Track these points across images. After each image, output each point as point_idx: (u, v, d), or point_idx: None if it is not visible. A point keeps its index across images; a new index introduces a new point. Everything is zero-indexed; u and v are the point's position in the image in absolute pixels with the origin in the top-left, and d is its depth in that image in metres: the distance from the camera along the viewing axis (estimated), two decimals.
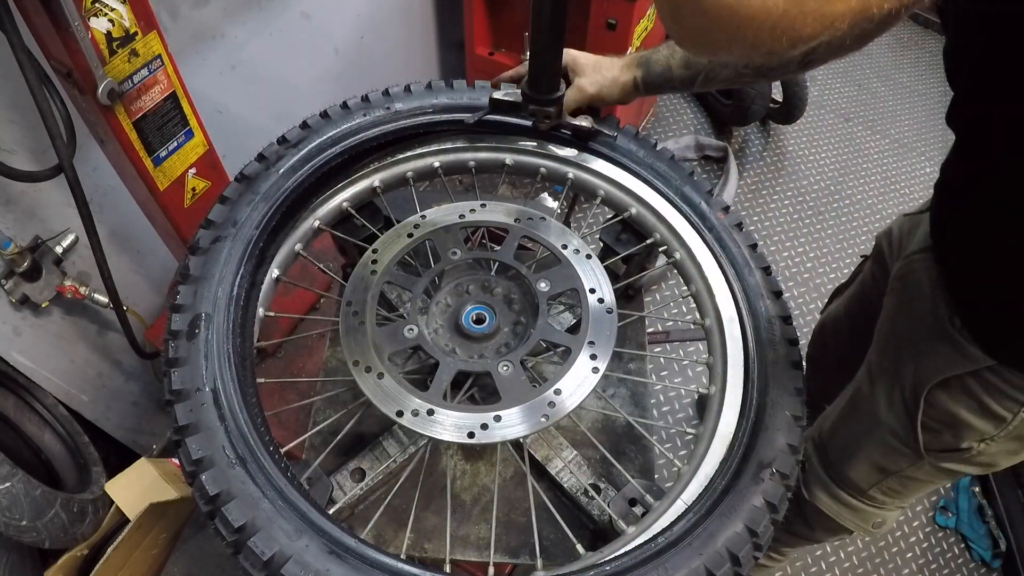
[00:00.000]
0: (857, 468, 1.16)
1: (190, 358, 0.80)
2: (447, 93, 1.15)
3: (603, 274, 0.99)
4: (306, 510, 0.72)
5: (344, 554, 0.69)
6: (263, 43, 1.79)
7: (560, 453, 1.01)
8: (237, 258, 0.91)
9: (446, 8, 2.58)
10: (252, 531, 0.69)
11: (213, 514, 0.71)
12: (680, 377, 2.35)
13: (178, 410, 0.76)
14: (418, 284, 0.98)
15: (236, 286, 0.88)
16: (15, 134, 1.29)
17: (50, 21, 0.99)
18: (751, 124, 3.20)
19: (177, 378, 0.78)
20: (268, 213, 0.96)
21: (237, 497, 0.70)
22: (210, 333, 0.82)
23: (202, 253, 0.90)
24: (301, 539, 0.69)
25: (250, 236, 0.93)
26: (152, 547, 1.56)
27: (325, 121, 1.08)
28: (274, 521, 0.69)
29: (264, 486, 0.72)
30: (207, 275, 0.88)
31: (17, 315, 1.45)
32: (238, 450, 0.74)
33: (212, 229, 0.93)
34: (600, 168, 1.13)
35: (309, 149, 1.04)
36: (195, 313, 0.84)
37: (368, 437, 1.02)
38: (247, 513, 0.70)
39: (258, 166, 1.01)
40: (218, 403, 0.77)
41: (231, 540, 0.70)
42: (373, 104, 1.11)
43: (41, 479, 1.36)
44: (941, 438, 1.01)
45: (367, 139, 1.08)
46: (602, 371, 0.88)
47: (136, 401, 1.89)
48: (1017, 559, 1.99)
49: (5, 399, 1.54)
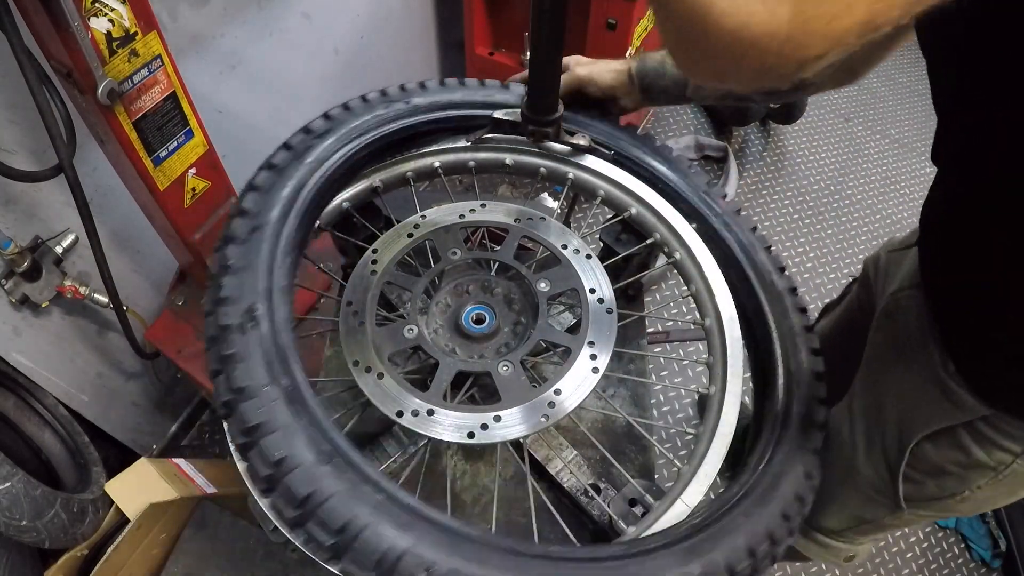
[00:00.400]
0: (831, 516, 1.10)
1: (249, 352, 0.72)
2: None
3: (603, 274, 0.99)
4: (410, 502, 0.66)
5: (461, 541, 0.64)
6: (263, 43, 1.79)
7: (560, 453, 1.01)
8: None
9: (446, 8, 2.58)
10: (357, 530, 0.62)
11: (304, 519, 0.64)
12: (680, 377, 2.35)
13: (244, 409, 0.68)
14: (418, 284, 0.98)
15: (286, 276, 0.82)
16: (15, 134, 1.29)
17: (50, 21, 0.99)
18: (751, 124, 3.20)
19: (240, 374, 0.70)
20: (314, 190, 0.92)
21: (334, 495, 0.64)
22: (265, 325, 0.74)
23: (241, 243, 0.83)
24: (412, 531, 0.63)
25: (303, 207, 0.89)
26: (152, 547, 1.56)
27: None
28: (381, 515, 0.63)
29: (357, 482, 0.65)
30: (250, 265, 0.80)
31: (17, 315, 1.45)
32: (322, 447, 0.67)
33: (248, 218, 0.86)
34: (597, 166, 1.13)
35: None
36: (247, 304, 0.76)
37: (368, 437, 1.02)
38: (348, 511, 0.63)
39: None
40: (291, 398, 0.69)
41: (330, 544, 0.63)
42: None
43: (41, 479, 1.36)
44: (923, 489, 0.93)
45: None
46: (602, 371, 0.88)
47: (136, 401, 1.89)
48: (1017, 559, 1.99)
49: (5, 399, 1.54)
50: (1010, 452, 0.82)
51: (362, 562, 0.62)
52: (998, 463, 0.84)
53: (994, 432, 0.82)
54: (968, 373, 0.82)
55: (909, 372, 0.90)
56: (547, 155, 1.16)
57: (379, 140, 1.03)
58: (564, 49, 0.94)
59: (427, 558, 0.62)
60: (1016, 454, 0.82)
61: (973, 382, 0.81)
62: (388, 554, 0.61)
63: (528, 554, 0.66)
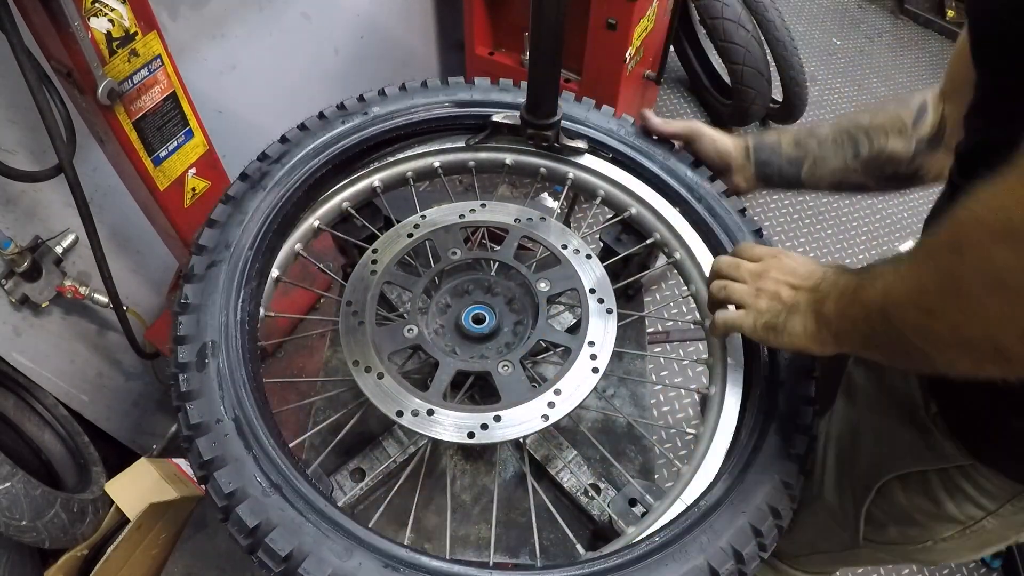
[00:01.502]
0: (789, 541, 1.00)
1: (204, 389, 0.77)
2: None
3: (603, 274, 0.99)
4: (352, 528, 0.70)
5: (399, 566, 0.67)
6: (263, 43, 1.79)
7: (560, 453, 1.01)
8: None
9: (446, 8, 2.58)
10: (301, 557, 0.66)
11: (255, 547, 0.68)
12: (680, 377, 2.35)
13: (200, 444, 0.73)
14: (418, 284, 0.98)
15: (239, 310, 0.85)
16: (15, 134, 1.29)
17: (50, 21, 0.99)
18: (751, 124, 3.20)
19: (194, 411, 0.75)
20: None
21: (279, 526, 0.68)
22: (220, 361, 0.79)
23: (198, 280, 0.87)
24: (353, 558, 0.67)
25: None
26: (152, 547, 1.56)
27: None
28: (322, 543, 0.67)
29: (304, 510, 0.69)
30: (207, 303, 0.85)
31: (17, 315, 1.45)
32: (271, 477, 0.71)
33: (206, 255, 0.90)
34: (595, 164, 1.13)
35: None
36: (202, 342, 0.81)
37: (368, 437, 1.02)
38: (292, 540, 0.67)
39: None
40: (242, 432, 0.74)
41: (279, 571, 0.67)
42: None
43: (41, 479, 1.36)
44: (885, 532, 0.88)
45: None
46: (602, 371, 0.88)
47: (136, 401, 1.89)
48: (1017, 559, 1.99)
49: (5, 399, 1.54)
50: (982, 508, 0.76)
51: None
52: (968, 518, 0.78)
53: (968, 484, 0.76)
54: (951, 417, 0.75)
55: (889, 408, 0.84)
56: (547, 155, 1.16)
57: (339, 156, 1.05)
58: (564, 50, 0.94)
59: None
60: (988, 511, 0.76)
61: (955, 427, 0.75)
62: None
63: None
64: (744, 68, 2.68)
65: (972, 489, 0.76)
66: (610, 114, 1.16)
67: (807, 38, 3.86)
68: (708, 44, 3.14)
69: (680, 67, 3.37)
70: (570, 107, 1.15)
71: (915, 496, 0.81)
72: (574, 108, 1.15)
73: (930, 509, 0.80)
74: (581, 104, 1.16)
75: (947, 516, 0.79)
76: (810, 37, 3.89)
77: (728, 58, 2.69)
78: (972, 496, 0.76)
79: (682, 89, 3.39)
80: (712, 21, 2.64)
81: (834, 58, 3.78)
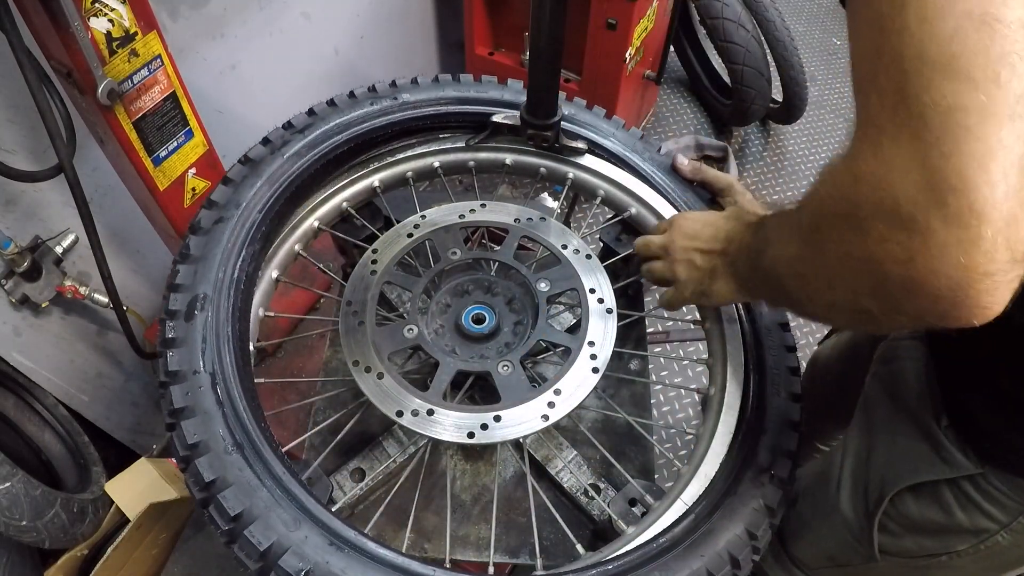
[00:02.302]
0: (806, 549, 1.06)
1: (188, 339, 0.77)
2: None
3: (603, 274, 0.99)
4: (305, 500, 0.70)
5: (344, 546, 0.68)
6: (263, 43, 1.79)
7: (560, 453, 1.01)
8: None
9: (446, 8, 2.58)
10: (249, 520, 0.67)
11: (207, 501, 0.69)
12: (680, 377, 2.35)
13: (173, 392, 0.74)
14: (418, 284, 0.98)
15: (237, 268, 0.86)
16: (15, 134, 1.29)
17: (50, 21, 0.99)
18: (751, 124, 3.20)
19: (174, 359, 0.76)
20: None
21: (234, 484, 0.68)
22: (209, 315, 0.80)
23: (203, 233, 0.88)
24: (300, 529, 0.67)
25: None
26: (152, 547, 1.56)
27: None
28: (272, 510, 0.68)
29: (262, 474, 0.70)
30: (207, 255, 0.86)
31: (17, 315, 1.45)
32: (236, 436, 0.71)
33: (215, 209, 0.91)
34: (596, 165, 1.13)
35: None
36: (194, 294, 0.82)
37: (368, 437, 1.02)
38: (244, 501, 0.68)
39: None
40: (216, 387, 0.75)
41: (226, 529, 0.68)
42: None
43: (41, 479, 1.36)
44: (901, 543, 0.89)
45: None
46: (602, 371, 0.88)
47: (136, 401, 1.89)
48: None
49: (5, 399, 1.54)
50: (994, 520, 0.77)
51: (248, 552, 0.66)
52: (980, 530, 0.79)
53: (979, 494, 0.77)
54: (961, 428, 0.77)
55: (902, 421, 0.86)
56: (547, 155, 1.16)
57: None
58: (564, 50, 0.94)
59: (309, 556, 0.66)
60: (1001, 524, 0.77)
61: (965, 437, 0.77)
62: (273, 548, 0.66)
63: (409, 571, 0.68)
64: (744, 68, 2.68)
65: (982, 499, 0.77)
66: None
67: (807, 38, 3.86)
68: (708, 44, 3.14)
69: (680, 67, 3.37)
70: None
71: (927, 507, 0.82)
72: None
73: (942, 519, 0.81)
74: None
75: (959, 527, 0.80)
76: (810, 37, 3.88)
77: (728, 58, 2.69)
78: (982, 506, 0.77)
79: (682, 89, 3.39)
80: (712, 21, 2.64)
81: (834, 58, 3.78)
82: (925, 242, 0.44)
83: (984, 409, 0.75)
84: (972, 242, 0.43)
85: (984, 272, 0.44)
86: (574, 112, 1.16)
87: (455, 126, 1.15)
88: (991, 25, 0.42)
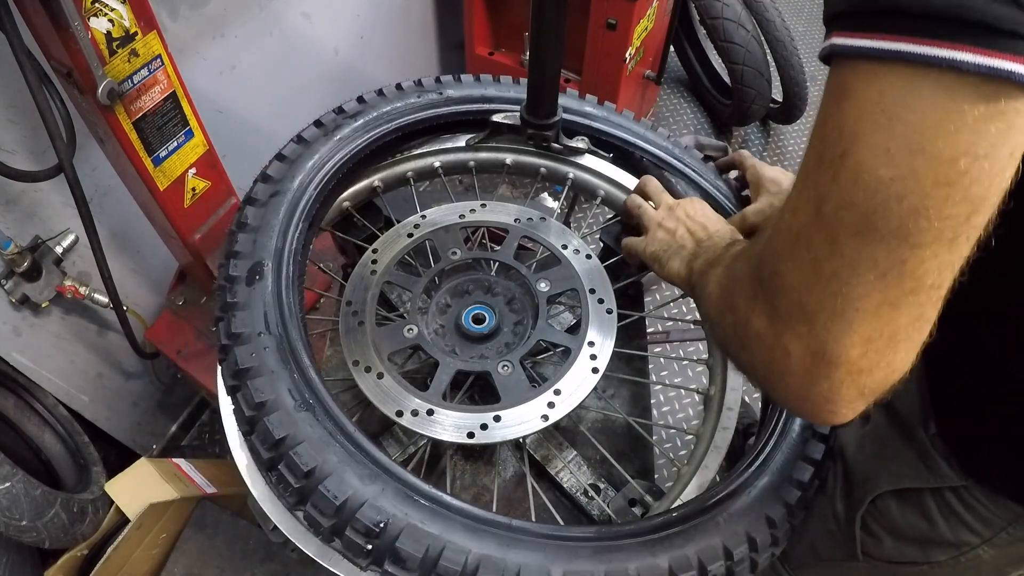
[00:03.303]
0: (797, 545, 1.03)
1: (250, 303, 0.77)
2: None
3: (603, 274, 0.99)
4: (378, 456, 0.69)
5: (419, 498, 0.67)
6: (263, 43, 1.79)
7: (560, 453, 1.01)
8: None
9: (446, 8, 2.58)
10: (323, 475, 0.66)
11: (277, 460, 0.68)
12: (680, 377, 2.35)
13: (239, 352, 0.73)
14: (418, 284, 0.98)
15: (295, 239, 0.87)
16: (15, 134, 1.29)
17: (50, 21, 0.99)
18: (751, 124, 3.20)
19: (237, 321, 0.75)
20: None
21: (306, 440, 0.67)
22: (269, 281, 0.80)
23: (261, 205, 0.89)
24: (375, 483, 0.66)
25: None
26: (152, 547, 1.56)
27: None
28: (347, 465, 0.67)
29: (333, 431, 0.69)
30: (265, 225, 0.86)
31: (17, 315, 1.45)
32: (304, 394, 0.71)
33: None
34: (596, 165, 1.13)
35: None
36: (255, 260, 0.81)
37: (368, 437, 1.02)
38: (317, 457, 0.66)
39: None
40: (282, 348, 0.74)
41: (298, 487, 0.66)
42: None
43: (41, 479, 1.36)
44: (882, 547, 0.88)
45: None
46: (602, 371, 0.88)
47: (136, 401, 1.89)
48: None
49: (5, 399, 1.54)
50: (976, 533, 0.76)
51: (322, 508, 0.65)
52: (961, 543, 0.77)
53: (962, 507, 0.75)
54: (949, 436, 0.75)
55: (891, 425, 0.85)
56: (547, 155, 1.16)
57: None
58: (564, 50, 0.94)
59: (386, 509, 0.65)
60: (983, 538, 0.75)
61: (953, 446, 0.75)
62: (350, 502, 0.65)
63: (487, 520, 0.68)
64: (744, 68, 2.68)
65: (965, 512, 0.75)
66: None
67: (807, 38, 3.86)
68: (708, 44, 3.14)
69: (680, 67, 3.38)
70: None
71: (909, 513, 0.81)
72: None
73: (924, 528, 0.80)
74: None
75: (940, 538, 0.79)
76: (810, 37, 3.88)
77: (728, 58, 2.69)
78: (965, 519, 0.76)
79: (682, 89, 3.39)
80: (712, 21, 2.64)
81: None
82: (783, 358, 0.49)
83: (969, 416, 0.74)
84: (820, 379, 0.48)
85: (826, 400, 0.49)
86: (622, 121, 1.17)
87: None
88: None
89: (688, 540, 0.70)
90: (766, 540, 0.74)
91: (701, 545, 0.70)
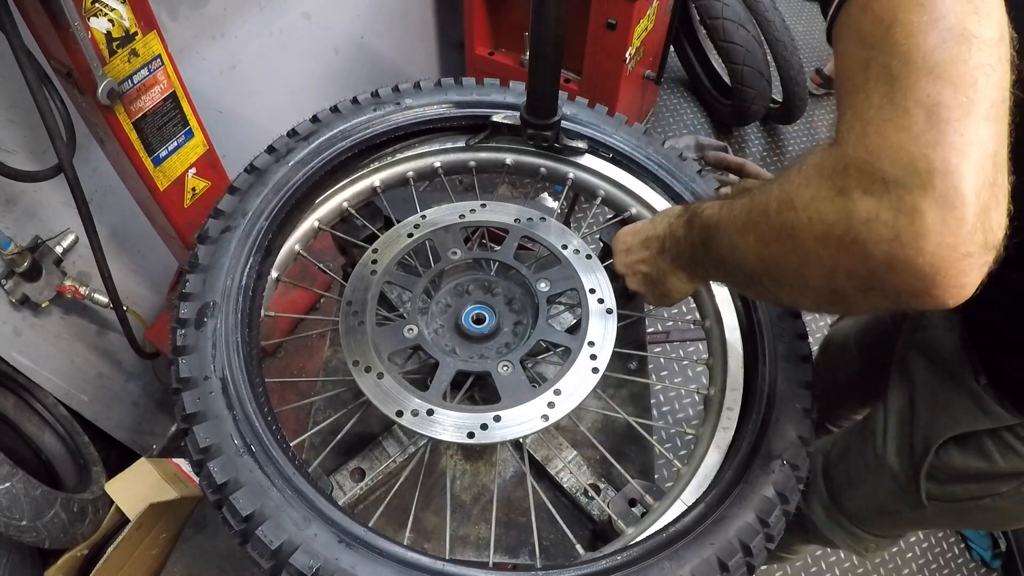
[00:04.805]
0: (857, 501, 1.14)
1: (198, 346, 0.80)
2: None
3: (603, 274, 0.99)
4: (315, 499, 0.72)
5: (354, 543, 0.69)
6: (263, 43, 1.79)
7: (560, 453, 1.01)
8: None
9: (446, 8, 2.58)
10: (260, 520, 0.68)
11: (221, 503, 0.71)
12: (680, 377, 2.35)
13: (185, 398, 0.76)
14: (418, 284, 0.98)
15: (245, 275, 0.88)
16: (15, 134, 1.29)
17: (50, 21, 0.99)
18: (751, 124, 3.20)
19: (185, 366, 0.78)
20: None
21: (245, 486, 0.70)
22: (218, 322, 0.82)
23: (211, 243, 0.90)
24: (310, 528, 0.69)
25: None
26: (152, 547, 1.56)
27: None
28: (283, 510, 0.69)
29: (273, 475, 0.72)
30: (215, 264, 0.88)
31: (17, 315, 1.45)
32: (246, 438, 0.74)
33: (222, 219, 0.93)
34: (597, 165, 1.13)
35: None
36: (204, 302, 0.84)
37: (368, 437, 1.02)
38: (255, 502, 0.69)
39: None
40: (226, 392, 0.77)
41: (239, 529, 0.69)
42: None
43: (41, 479, 1.36)
44: (947, 489, 0.97)
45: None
46: (602, 371, 0.87)
47: (136, 401, 1.89)
48: (1017, 559, 1.99)
49: (5, 399, 1.54)
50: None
51: (260, 551, 0.68)
52: (1020, 472, 0.87)
53: (1018, 442, 0.85)
54: (1000, 386, 0.85)
55: (942, 380, 0.94)
56: (547, 155, 1.16)
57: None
58: (564, 50, 0.94)
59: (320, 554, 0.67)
60: None
61: (1004, 392, 0.85)
62: (284, 547, 0.67)
63: (419, 566, 0.69)
64: (744, 68, 2.68)
65: (1021, 446, 0.86)
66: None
67: (807, 38, 3.86)
68: (708, 44, 3.14)
69: (680, 67, 3.37)
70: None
71: (970, 456, 0.91)
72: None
73: (984, 466, 0.90)
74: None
75: (1001, 472, 0.89)
76: (810, 37, 3.88)
77: (728, 58, 2.69)
78: (1022, 452, 0.86)
79: (682, 89, 3.39)
80: (712, 21, 2.64)
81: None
82: (911, 221, 0.47)
83: (1020, 367, 0.83)
84: (956, 222, 0.46)
85: (964, 252, 0.47)
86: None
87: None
88: (969, 40, 0.47)
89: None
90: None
91: None
